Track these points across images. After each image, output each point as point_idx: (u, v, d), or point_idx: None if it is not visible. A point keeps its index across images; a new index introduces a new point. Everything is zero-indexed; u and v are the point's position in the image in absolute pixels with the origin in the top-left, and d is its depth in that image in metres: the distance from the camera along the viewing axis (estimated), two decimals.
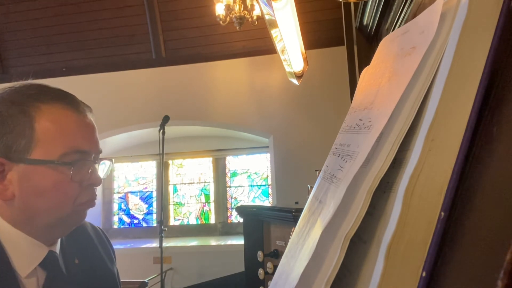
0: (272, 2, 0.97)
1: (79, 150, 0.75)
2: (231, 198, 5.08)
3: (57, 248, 0.82)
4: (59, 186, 0.73)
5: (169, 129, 3.79)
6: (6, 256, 0.71)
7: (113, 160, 0.90)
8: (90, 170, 0.78)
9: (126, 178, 5.29)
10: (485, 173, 0.32)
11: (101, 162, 0.84)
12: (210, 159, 5.15)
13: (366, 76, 0.65)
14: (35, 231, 0.75)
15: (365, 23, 1.76)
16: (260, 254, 1.35)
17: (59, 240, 0.83)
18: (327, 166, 0.62)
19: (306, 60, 1.26)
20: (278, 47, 1.15)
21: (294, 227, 0.69)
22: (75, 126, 0.76)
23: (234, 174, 5.12)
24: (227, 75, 4.44)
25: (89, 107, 0.83)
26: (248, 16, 3.45)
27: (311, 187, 1.03)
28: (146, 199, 5.24)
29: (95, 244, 0.95)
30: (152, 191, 5.23)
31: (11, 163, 0.71)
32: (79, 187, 0.76)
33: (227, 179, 5.12)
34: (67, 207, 0.75)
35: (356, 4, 1.95)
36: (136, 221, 5.21)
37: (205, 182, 5.15)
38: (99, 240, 0.97)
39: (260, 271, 1.31)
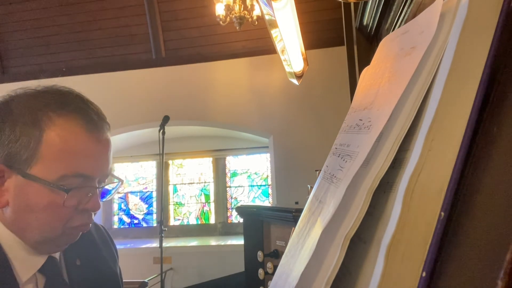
0: (272, 2, 0.97)
1: (81, 174, 0.71)
2: (231, 198, 5.08)
3: (57, 253, 0.80)
4: (52, 208, 0.69)
5: (169, 129, 3.79)
6: (7, 261, 0.71)
7: (123, 180, 0.87)
8: (90, 194, 0.73)
9: (126, 178, 5.29)
10: (485, 173, 0.32)
11: (108, 185, 0.80)
12: (210, 159, 5.15)
13: (366, 76, 0.65)
14: (27, 243, 0.73)
15: (365, 23, 1.76)
16: (260, 254, 1.35)
17: None
18: (327, 166, 0.62)
19: (306, 60, 1.26)
20: (278, 47, 1.15)
21: (294, 227, 0.69)
22: (83, 147, 0.71)
23: (234, 174, 5.12)
24: (227, 75, 4.44)
25: (108, 124, 0.78)
26: (248, 16, 3.45)
27: (311, 187, 1.03)
28: (146, 199, 5.24)
29: (97, 244, 0.93)
30: (152, 191, 5.23)
31: (11, 172, 0.69)
32: (73, 211, 0.72)
33: (227, 179, 5.12)
34: (57, 229, 0.72)
35: (356, 4, 1.95)
36: (136, 221, 5.21)
37: (205, 182, 5.15)
38: (101, 239, 0.96)
39: (260, 271, 1.31)
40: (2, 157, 0.69)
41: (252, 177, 5.07)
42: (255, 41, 4.31)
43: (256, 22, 3.53)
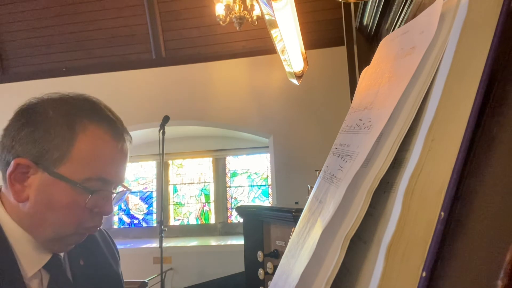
0: (272, 2, 0.97)
1: (103, 179, 0.75)
2: (231, 198, 5.08)
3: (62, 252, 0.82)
4: (73, 208, 0.73)
5: (169, 129, 3.79)
6: (13, 255, 0.72)
7: (131, 190, 0.89)
8: (105, 199, 0.77)
9: (126, 178, 5.29)
10: (485, 173, 0.32)
11: (119, 191, 0.83)
12: (210, 159, 5.15)
13: (366, 76, 0.65)
14: (37, 239, 0.75)
15: (365, 23, 1.76)
16: (260, 254, 1.35)
17: None
18: (327, 166, 0.62)
19: (306, 60, 1.26)
20: (278, 47, 1.15)
21: (294, 227, 0.70)
22: (109, 154, 0.76)
23: (234, 174, 5.12)
24: (227, 75, 4.43)
25: (130, 136, 0.83)
26: (248, 16, 3.45)
27: (311, 187, 1.03)
28: (146, 199, 5.24)
29: (100, 245, 0.95)
30: (152, 191, 5.23)
31: (38, 169, 0.72)
32: (89, 213, 0.76)
33: (227, 179, 5.12)
34: (71, 229, 0.75)
35: (356, 4, 1.95)
36: (136, 221, 5.21)
37: (205, 182, 5.15)
38: (104, 241, 0.97)
39: (260, 271, 1.31)
40: (32, 154, 0.72)
41: (252, 177, 5.07)
42: (255, 41, 4.31)
43: (256, 22, 3.53)
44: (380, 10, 1.47)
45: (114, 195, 0.81)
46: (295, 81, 1.33)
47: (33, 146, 0.71)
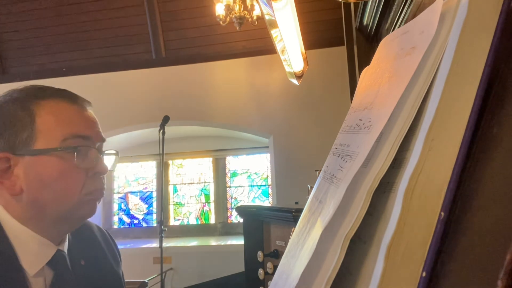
0: (272, 2, 0.97)
1: (80, 135, 0.77)
2: (231, 198, 5.08)
3: (65, 247, 0.82)
4: (65, 174, 0.74)
5: (169, 129, 3.79)
6: (15, 254, 0.72)
7: (118, 153, 0.90)
8: (95, 158, 0.78)
9: (126, 178, 5.29)
10: (485, 173, 0.32)
11: (106, 153, 0.85)
12: (210, 159, 5.15)
13: (366, 76, 0.65)
14: (44, 226, 0.76)
15: (365, 23, 1.76)
16: (260, 254, 1.34)
17: (67, 239, 0.83)
18: (327, 166, 0.62)
19: (306, 60, 1.26)
20: (278, 47, 1.15)
21: (294, 227, 0.70)
22: (74, 116, 0.78)
23: (234, 174, 5.12)
24: (227, 75, 4.43)
25: (89, 102, 0.84)
26: (248, 16, 3.45)
27: (311, 187, 1.03)
28: (146, 199, 5.24)
29: (101, 245, 0.95)
30: (152, 191, 5.23)
31: (16, 157, 0.73)
32: (85, 176, 0.77)
33: (227, 179, 5.12)
34: (74, 197, 0.75)
35: (356, 4, 1.95)
36: (136, 221, 5.21)
37: (205, 182, 5.15)
38: (105, 241, 0.97)
39: (260, 271, 1.31)
40: (4, 148, 0.73)
41: (252, 177, 5.07)
42: (255, 41, 4.31)
43: (256, 22, 3.53)
44: (380, 10, 1.47)
45: (102, 155, 0.82)
46: (295, 81, 1.33)
47: (1, 140, 0.73)
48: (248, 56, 4.39)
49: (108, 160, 0.86)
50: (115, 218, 5.23)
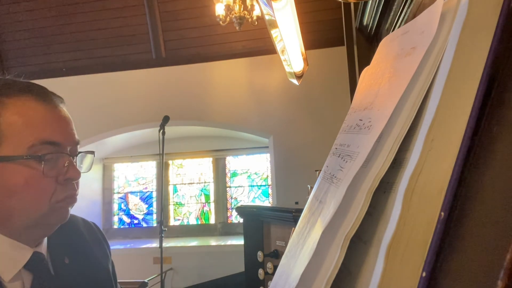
0: (272, 2, 0.97)
1: (50, 142, 0.70)
2: (231, 198, 5.08)
3: (43, 248, 0.78)
4: (32, 183, 0.68)
5: (169, 129, 3.79)
6: None
7: (95, 152, 0.84)
8: (66, 164, 0.72)
9: (126, 178, 5.29)
10: (485, 173, 0.32)
11: (80, 155, 0.79)
12: (210, 159, 5.15)
13: (366, 76, 0.65)
14: (15, 232, 0.71)
15: (365, 23, 1.76)
16: (260, 254, 1.35)
17: (45, 240, 0.79)
18: (327, 166, 0.62)
19: (306, 60, 1.26)
20: (278, 47, 1.15)
21: (294, 227, 0.70)
22: (44, 118, 0.71)
23: (234, 174, 5.12)
24: (227, 75, 4.43)
25: (61, 98, 0.78)
26: (248, 16, 3.45)
27: (311, 187, 1.03)
28: (146, 199, 5.24)
29: (86, 240, 0.91)
30: (152, 191, 5.23)
31: None
32: (54, 183, 0.71)
33: (227, 179, 5.12)
34: (43, 206, 0.70)
35: (356, 4, 1.95)
36: (136, 221, 5.21)
37: (205, 182, 5.15)
38: (91, 236, 0.94)
39: (260, 271, 1.31)
40: None
41: (252, 177, 5.06)
42: (255, 41, 4.31)
43: (256, 22, 3.53)
44: (380, 10, 1.47)
45: (75, 158, 0.76)
46: (295, 81, 1.33)
47: None
48: (248, 56, 4.39)
49: (85, 160, 0.81)
50: (115, 218, 5.23)
